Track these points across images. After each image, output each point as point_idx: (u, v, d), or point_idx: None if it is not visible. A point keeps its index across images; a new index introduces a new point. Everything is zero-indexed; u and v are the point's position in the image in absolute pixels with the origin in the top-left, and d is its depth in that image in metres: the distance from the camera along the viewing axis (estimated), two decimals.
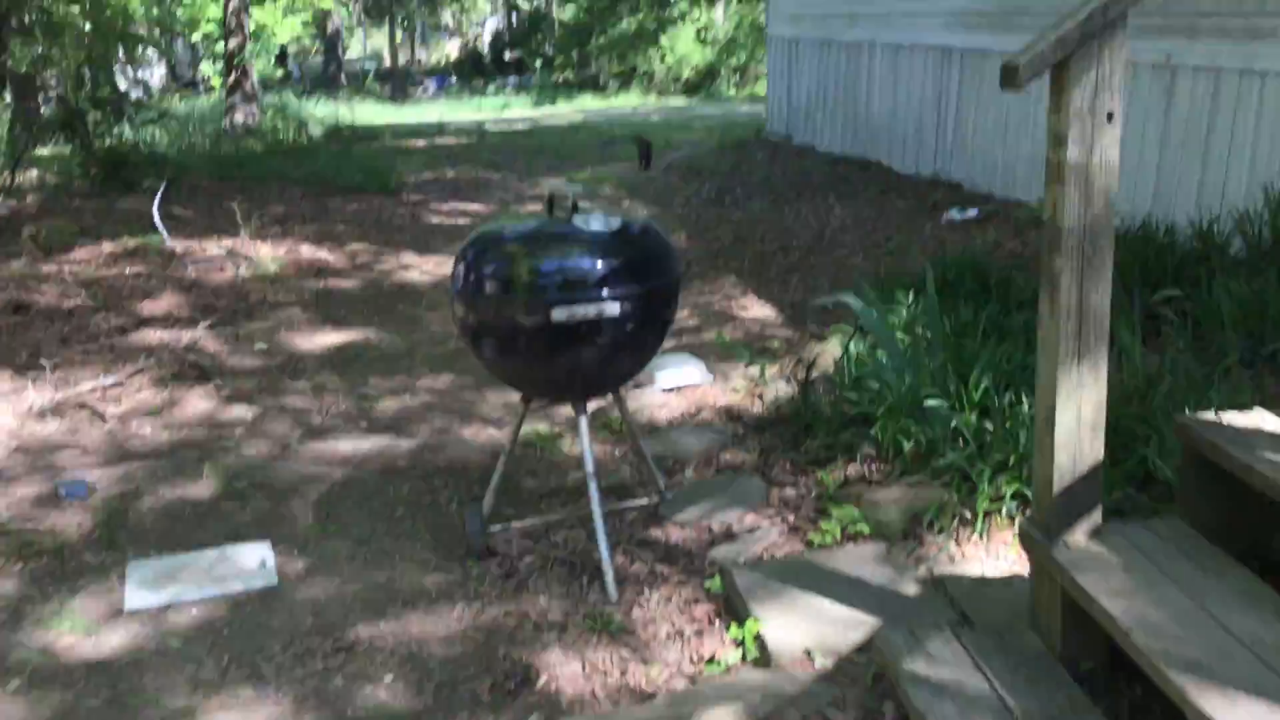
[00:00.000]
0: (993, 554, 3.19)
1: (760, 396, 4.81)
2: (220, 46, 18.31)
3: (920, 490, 3.41)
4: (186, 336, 6.06)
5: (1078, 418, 2.50)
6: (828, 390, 4.52)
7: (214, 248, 8.16)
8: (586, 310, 3.04)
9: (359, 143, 16.37)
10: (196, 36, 22.57)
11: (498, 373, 3.38)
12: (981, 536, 3.22)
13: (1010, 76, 2.33)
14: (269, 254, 7.95)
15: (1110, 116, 2.41)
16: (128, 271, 7.40)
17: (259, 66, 22.72)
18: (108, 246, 8.03)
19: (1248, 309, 4.49)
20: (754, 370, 5.11)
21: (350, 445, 4.68)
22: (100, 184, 10.65)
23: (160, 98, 24.86)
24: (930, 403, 3.58)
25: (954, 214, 8.18)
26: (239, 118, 17.30)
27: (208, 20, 20.02)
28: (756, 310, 6.21)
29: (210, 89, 24.31)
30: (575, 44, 31.99)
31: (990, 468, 3.30)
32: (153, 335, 6.10)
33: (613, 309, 3.06)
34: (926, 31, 9.97)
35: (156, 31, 19.13)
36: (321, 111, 21.26)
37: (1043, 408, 2.54)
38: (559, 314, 3.04)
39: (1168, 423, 3.24)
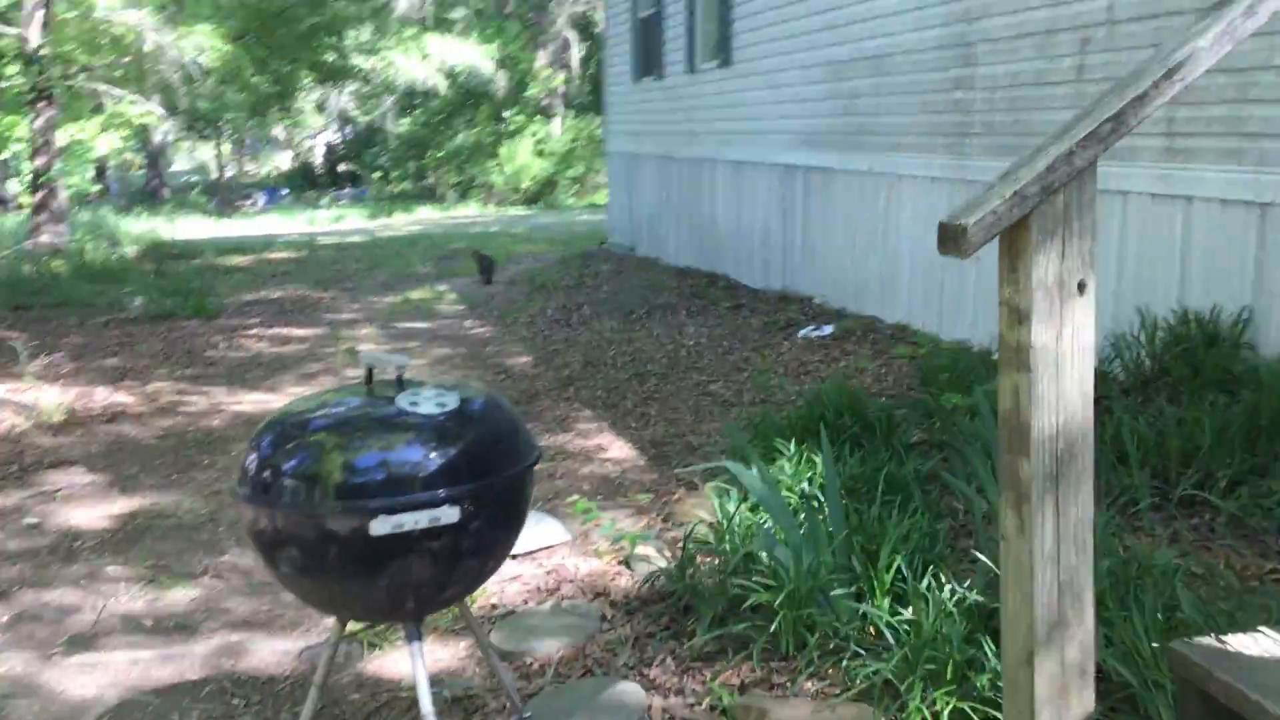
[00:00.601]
0: None
1: (628, 564, 4.11)
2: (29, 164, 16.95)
3: (834, 709, 2.75)
4: None
5: (1061, 664, 1.89)
6: (707, 557, 3.86)
7: None
8: (417, 519, 2.31)
9: (177, 261, 15.24)
10: (4, 154, 20.97)
11: (302, 593, 2.58)
12: None
13: (954, 240, 1.75)
14: (56, 399, 6.88)
15: (1082, 286, 1.86)
16: None
17: (74, 182, 21.27)
18: None
19: (1147, 447, 4.09)
20: (621, 527, 4.42)
21: (129, 655, 3.74)
22: None
23: None
24: (837, 591, 2.96)
25: (809, 331, 7.78)
26: (45, 238, 15.91)
27: (15, 138, 18.56)
28: (616, 450, 5.55)
29: (20, 207, 22.66)
30: (412, 156, 31.42)
31: (921, 679, 2.67)
32: None
33: (451, 514, 2.34)
34: (769, 149, 9.71)
35: None
36: (140, 228, 19.94)
37: (1012, 651, 1.92)
38: (380, 526, 2.30)
39: (1119, 612, 2.70)
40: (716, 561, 3.75)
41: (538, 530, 4.44)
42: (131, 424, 6.46)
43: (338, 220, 24.47)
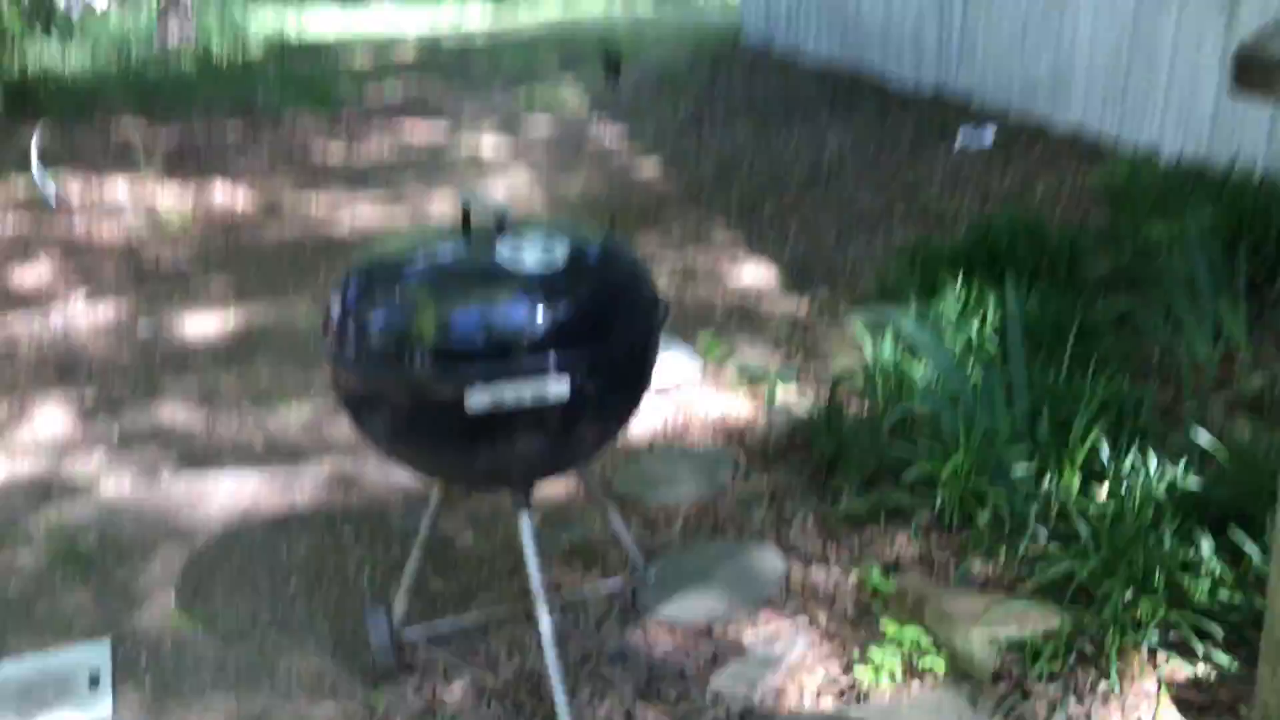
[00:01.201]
0: (1130, 714, 2.12)
1: (766, 405, 3.68)
2: None
3: (1014, 606, 2.31)
4: (55, 318, 4.85)
5: None
6: (855, 406, 3.40)
7: (114, 193, 6.86)
8: (520, 392, 1.88)
9: (302, 58, 14.84)
10: None
11: (396, 458, 2.21)
12: (1115, 689, 2.14)
13: (1266, 75, 1.14)
14: (174, 202, 6.67)
15: None
16: (1, 229, 6.12)
17: None
18: None
19: None
20: (759, 356, 3.98)
21: (235, 481, 3.53)
22: (3, 116, 9.23)
23: (100, 13, 22.95)
24: (1019, 471, 2.47)
25: (966, 138, 6.97)
26: (172, 36, 15.63)
27: None
28: (751, 270, 5.04)
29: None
30: None
31: (1121, 582, 2.20)
32: (13, 319, 4.88)
33: (560, 387, 1.91)
34: None
35: None
36: (268, 23, 19.52)
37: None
38: (479, 399, 1.89)
39: None
40: (866, 411, 3.28)
41: (665, 362, 4.01)
42: (250, 229, 6.20)
43: (462, 13, 23.59)
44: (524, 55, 13.80)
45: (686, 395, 3.85)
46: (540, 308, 1.97)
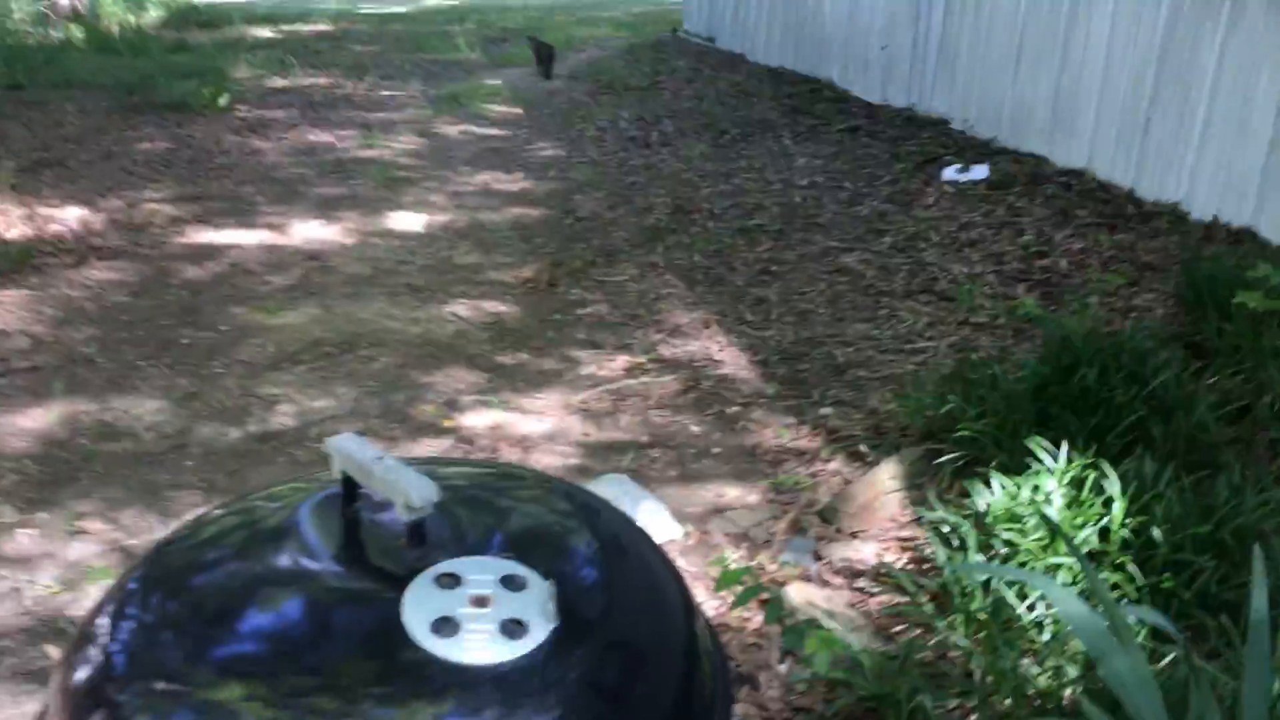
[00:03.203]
0: None
1: (773, 615, 2.57)
2: None
3: None
4: None
5: None
6: (916, 629, 2.31)
7: None
8: None
9: (203, 30, 13.24)
10: None
11: None
12: None
13: None
14: (16, 226, 5.31)
15: None
16: None
17: None
18: None
19: None
20: (756, 524, 2.87)
21: None
22: None
23: None
24: None
25: (955, 171, 5.95)
26: (64, 1, 13.86)
27: None
28: (728, 363, 3.92)
29: None
30: None
31: None
32: None
33: None
34: None
35: None
36: None
37: None
38: None
39: None
40: (955, 658, 2.19)
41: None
42: (104, 260, 4.88)
43: None
44: (446, 37, 12.42)
45: None
46: None
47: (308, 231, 5.47)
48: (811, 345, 3.99)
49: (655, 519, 2.88)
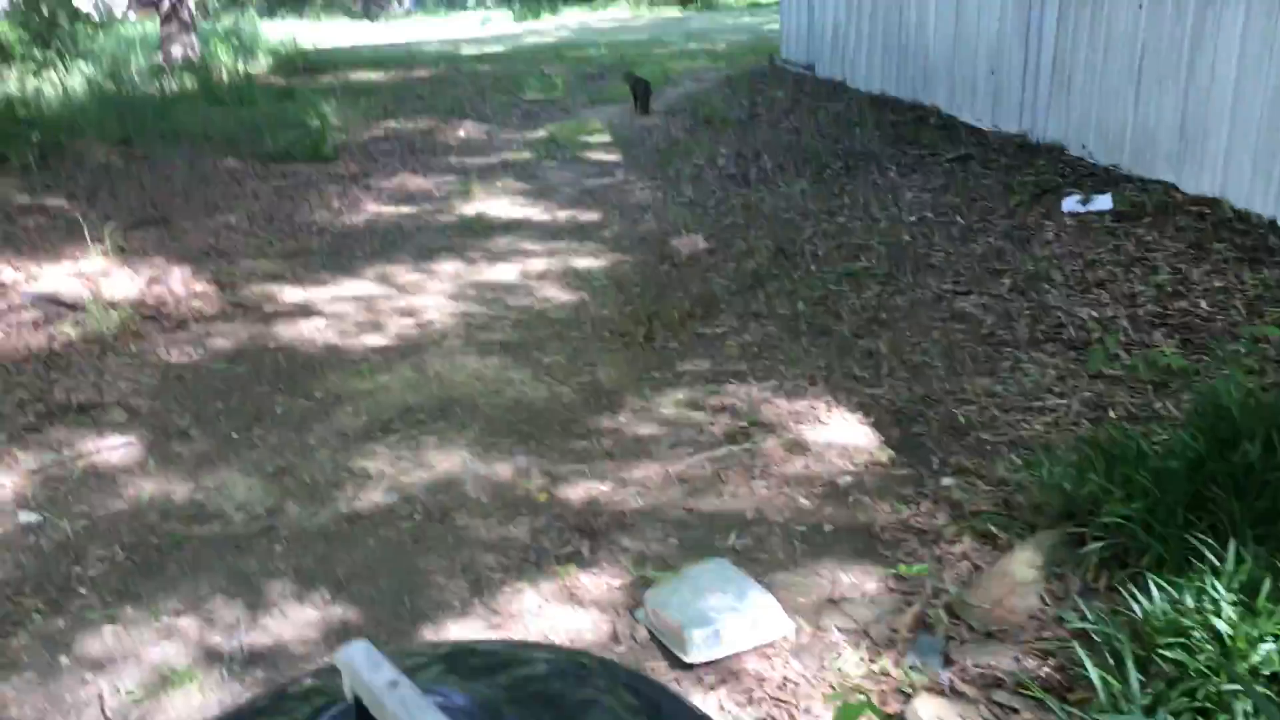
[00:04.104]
0: None
1: (907, 692, 2.29)
2: None
3: None
4: None
5: None
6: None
7: (56, 273, 5.55)
8: None
9: (311, 75, 13.50)
10: None
11: None
12: None
13: None
14: (121, 290, 5.35)
15: None
16: None
17: None
18: None
19: None
20: (875, 620, 2.59)
21: None
22: None
23: (116, 22, 21.74)
24: None
25: (1075, 203, 5.56)
26: (175, 51, 14.34)
27: None
28: (837, 425, 3.64)
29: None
30: None
31: None
32: None
33: None
34: None
35: None
36: (281, 34, 18.20)
37: None
38: None
39: None
40: None
41: (739, 612, 2.62)
42: (201, 331, 4.85)
43: (484, 24, 22.24)
44: (544, 75, 12.41)
45: (774, 680, 2.47)
46: None
47: (404, 285, 5.38)
48: (928, 403, 3.68)
49: (764, 613, 2.62)
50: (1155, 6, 5.64)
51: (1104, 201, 5.48)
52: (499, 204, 6.87)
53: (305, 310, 5.08)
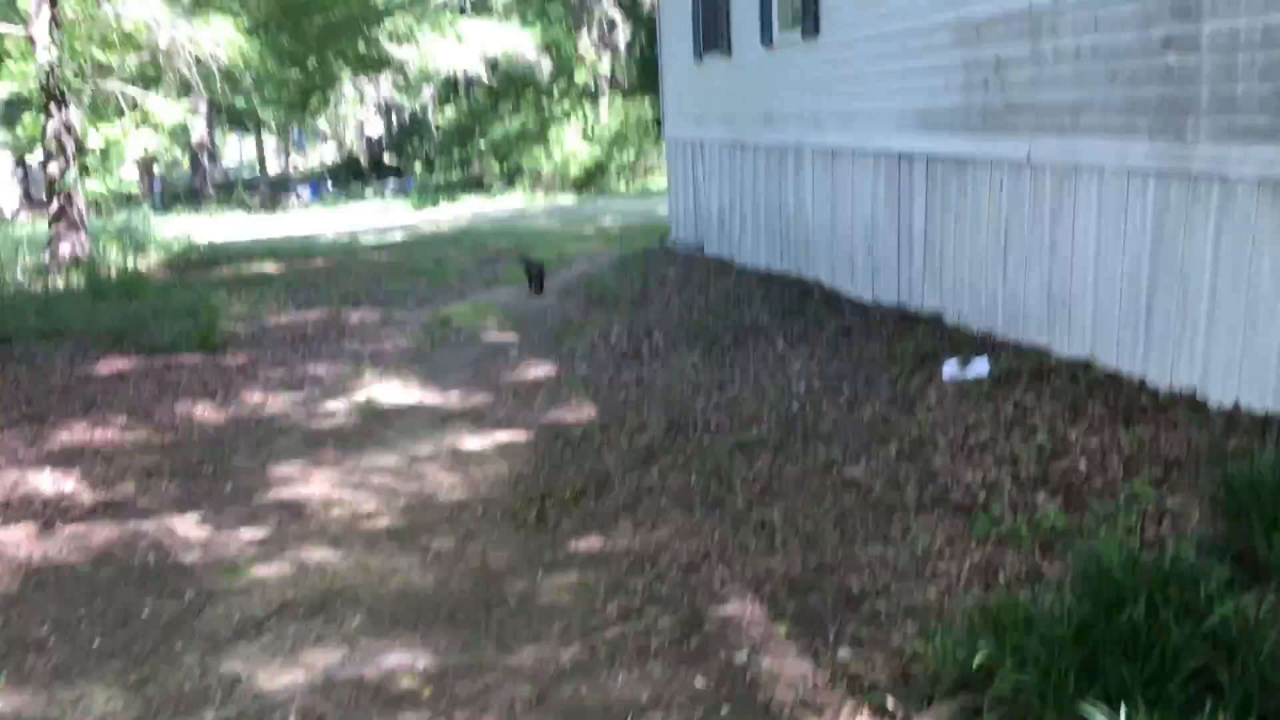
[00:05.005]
0: None
1: None
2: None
3: None
4: None
5: None
6: None
7: None
8: None
9: (203, 269, 13.44)
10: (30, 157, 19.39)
11: None
12: None
13: None
14: None
15: None
16: None
17: (103, 186, 19.61)
18: None
19: None
20: None
21: None
22: None
23: (4, 222, 21.54)
24: None
25: (955, 370, 5.73)
26: (64, 249, 14.16)
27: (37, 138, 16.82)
28: (733, 594, 3.55)
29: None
30: (457, 144, 29.53)
31: None
32: None
33: None
34: (873, 133, 7.62)
35: None
36: (175, 229, 18.21)
37: None
38: None
39: None
40: None
41: None
42: (68, 533, 4.57)
43: (382, 214, 22.68)
44: (440, 262, 12.58)
45: None
46: None
47: (285, 476, 5.21)
48: (822, 573, 3.64)
49: None
50: (1014, 186, 6.01)
51: (981, 365, 5.67)
52: (390, 388, 6.79)
53: (179, 505, 4.86)
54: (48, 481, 5.21)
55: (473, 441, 5.56)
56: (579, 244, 13.69)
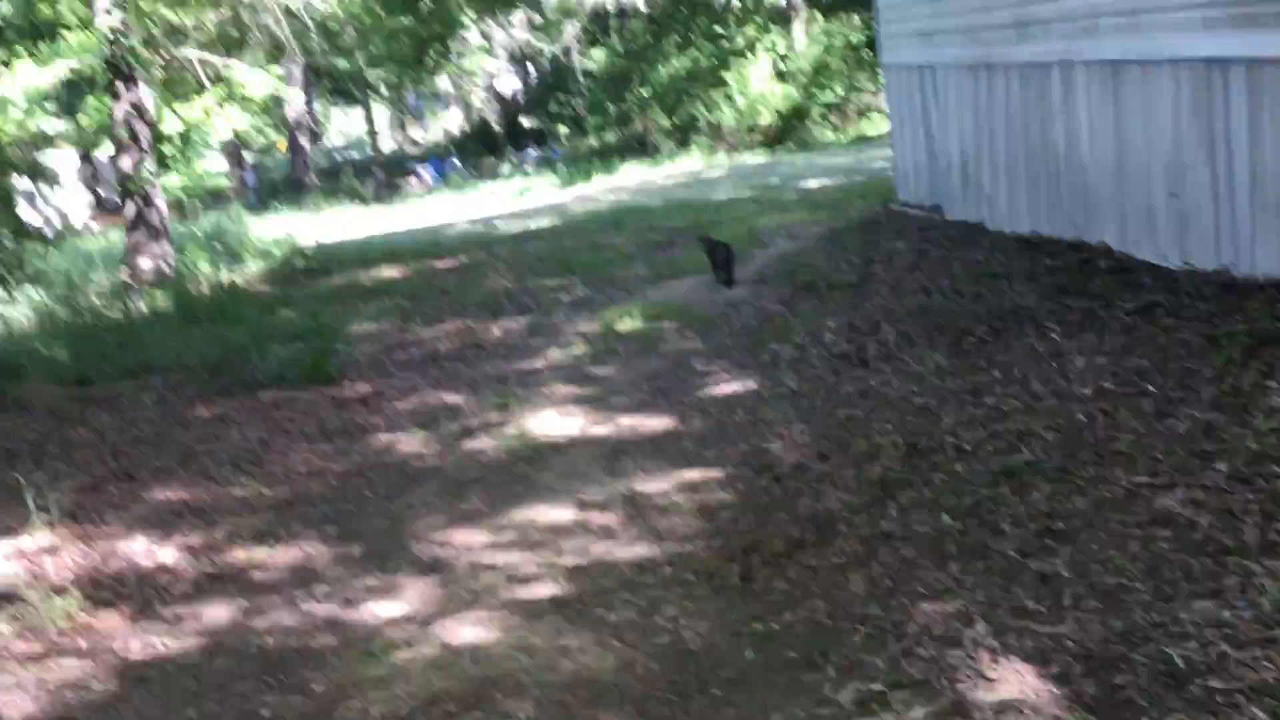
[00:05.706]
0: None
1: None
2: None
3: None
4: None
5: None
6: None
7: None
8: None
9: (312, 279, 14.15)
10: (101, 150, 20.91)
11: None
12: None
13: None
14: (71, 560, 5.49)
15: None
16: None
17: (191, 178, 20.94)
18: None
19: None
20: None
21: None
22: None
23: (74, 234, 23.29)
24: None
25: None
26: (145, 263, 15.24)
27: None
28: (1007, 675, 3.51)
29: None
30: (611, 96, 30.06)
31: None
32: None
33: None
34: (1171, 36, 7.34)
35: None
36: (275, 230, 19.26)
37: None
38: None
39: None
40: None
41: None
42: (170, 615, 4.92)
43: (522, 194, 23.34)
44: (599, 249, 12.84)
45: None
46: None
47: (422, 534, 5.45)
48: (1130, 642, 3.54)
49: None
50: None
51: None
52: (545, 418, 6.98)
53: (300, 577, 5.14)
54: (142, 553, 5.62)
55: (654, 482, 5.66)
56: (776, 216, 13.71)
